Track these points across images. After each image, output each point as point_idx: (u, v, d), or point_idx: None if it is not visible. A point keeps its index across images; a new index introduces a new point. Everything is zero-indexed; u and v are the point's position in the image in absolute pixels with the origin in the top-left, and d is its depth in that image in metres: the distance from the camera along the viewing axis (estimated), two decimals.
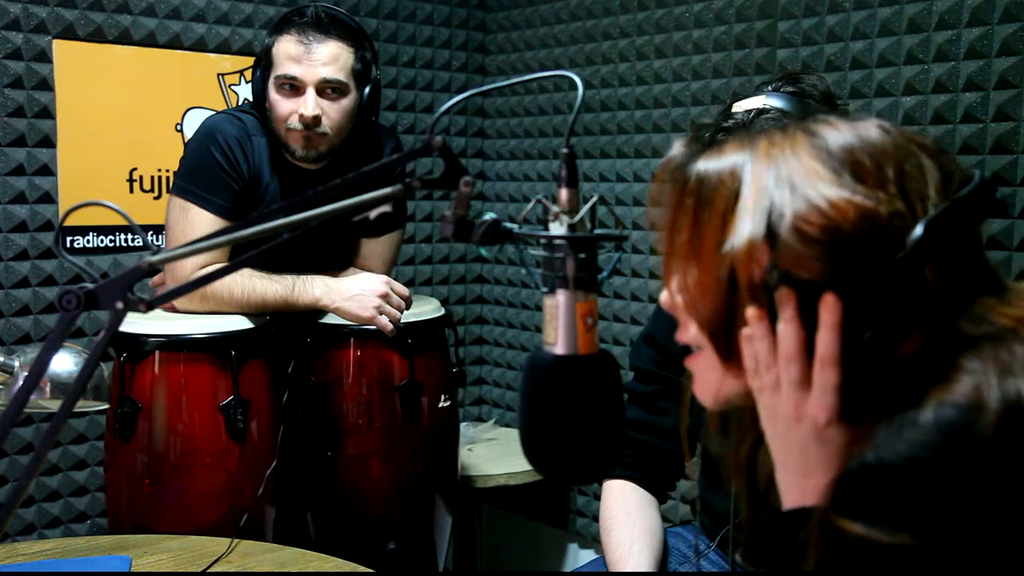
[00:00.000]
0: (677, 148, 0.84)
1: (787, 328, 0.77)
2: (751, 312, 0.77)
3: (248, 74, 2.58)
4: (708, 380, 0.86)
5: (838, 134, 0.77)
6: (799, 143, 0.78)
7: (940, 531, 0.68)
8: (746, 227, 0.76)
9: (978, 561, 0.68)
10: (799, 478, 0.80)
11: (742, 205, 0.77)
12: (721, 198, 0.78)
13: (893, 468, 0.70)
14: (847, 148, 0.76)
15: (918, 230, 0.72)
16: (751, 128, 1.31)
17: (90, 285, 0.81)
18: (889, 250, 0.73)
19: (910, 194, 0.75)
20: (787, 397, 0.79)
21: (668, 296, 0.86)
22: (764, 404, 0.82)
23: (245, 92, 2.59)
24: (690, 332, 0.85)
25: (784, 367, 0.78)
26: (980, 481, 0.68)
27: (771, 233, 0.75)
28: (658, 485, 1.60)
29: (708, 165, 0.80)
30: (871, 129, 0.78)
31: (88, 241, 2.36)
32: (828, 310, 0.75)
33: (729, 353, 0.82)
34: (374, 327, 1.96)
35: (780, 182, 0.76)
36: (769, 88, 1.41)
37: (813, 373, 0.77)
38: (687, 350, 0.88)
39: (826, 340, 0.75)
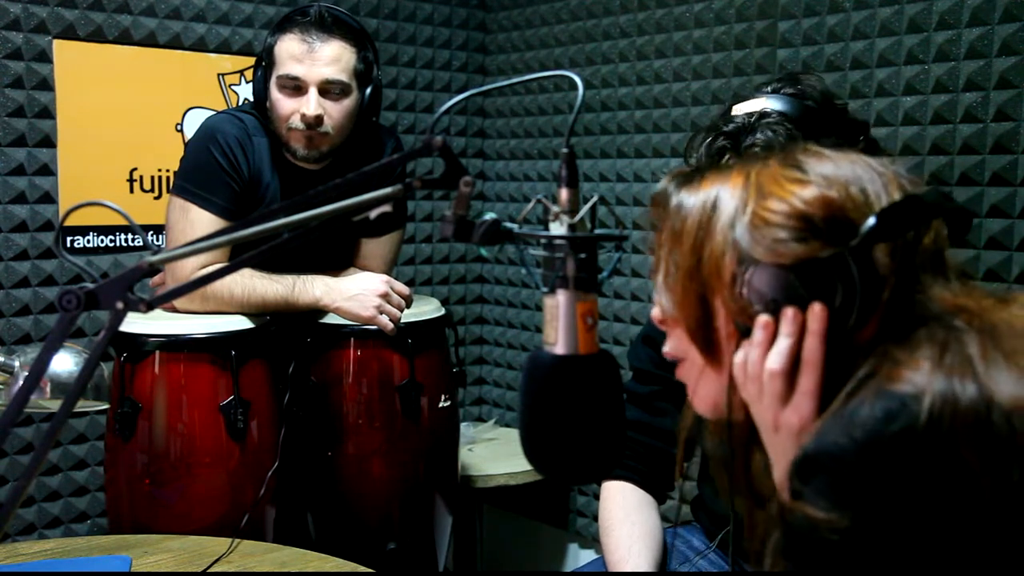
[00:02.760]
0: (663, 182, 0.91)
1: (783, 343, 0.81)
2: (761, 319, 0.81)
3: (248, 74, 2.58)
4: (698, 388, 0.91)
5: (812, 158, 0.84)
6: (772, 162, 0.84)
7: (874, 516, 0.71)
8: (719, 230, 0.82)
9: (914, 542, 0.70)
10: (781, 466, 0.85)
11: (716, 213, 0.83)
12: (697, 211, 0.85)
13: (829, 455, 0.73)
14: (820, 169, 0.82)
15: (871, 219, 0.78)
16: (753, 130, 1.32)
17: (90, 285, 0.81)
18: (846, 236, 0.78)
19: (870, 194, 0.81)
20: (767, 408, 0.83)
21: (659, 310, 0.92)
22: (752, 412, 0.86)
23: (245, 92, 2.59)
24: (672, 342, 0.91)
25: (768, 380, 0.82)
26: (911, 468, 0.70)
27: (742, 230, 0.81)
28: (657, 486, 1.60)
29: (688, 197, 0.86)
30: (849, 155, 0.84)
31: (88, 241, 2.36)
32: (815, 318, 0.79)
33: (709, 349, 0.87)
34: (374, 327, 1.96)
35: (750, 188, 0.82)
36: (768, 89, 1.41)
37: (796, 380, 0.81)
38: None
39: (811, 346, 0.80)
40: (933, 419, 0.70)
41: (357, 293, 1.95)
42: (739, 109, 1.38)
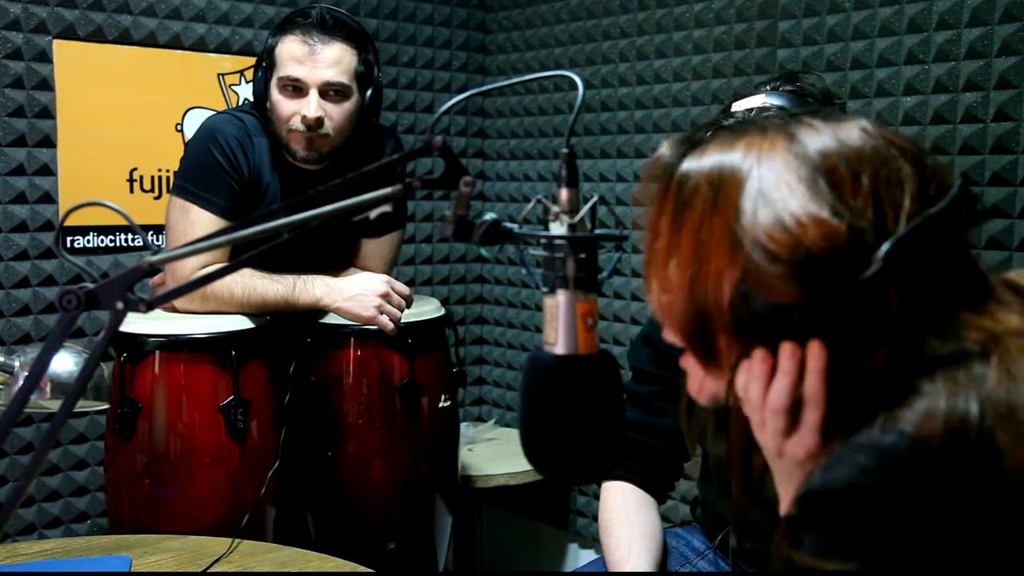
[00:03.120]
0: (663, 148, 0.84)
1: (782, 381, 0.77)
2: (759, 354, 0.78)
3: (248, 74, 2.58)
4: (695, 378, 0.87)
5: (818, 138, 0.77)
6: (777, 148, 0.77)
7: (881, 556, 0.68)
8: (718, 238, 0.77)
9: None
10: (788, 490, 0.82)
11: (716, 214, 0.77)
12: (697, 204, 0.78)
13: (835, 494, 0.70)
14: (825, 153, 0.75)
15: (883, 249, 0.71)
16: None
17: (90, 285, 0.81)
18: (853, 269, 0.72)
19: (883, 203, 0.73)
20: (769, 439, 0.80)
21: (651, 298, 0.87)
22: (754, 432, 0.83)
23: (245, 92, 2.59)
24: (672, 335, 0.86)
25: (771, 416, 0.79)
26: (918, 506, 0.67)
27: (741, 246, 0.75)
28: (657, 486, 1.60)
29: (689, 167, 0.80)
30: (852, 132, 0.77)
31: (88, 241, 2.36)
32: (815, 356, 0.75)
33: (707, 356, 0.82)
34: (375, 327, 1.96)
35: (753, 192, 0.76)
36: (768, 88, 1.41)
37: (800, 414, 0.78)
38: (683, 350, 0.89)
39: (812, 384, 0.76)
40: (940, 457, 0.67)
41: (357, 293, 1.95)
42: (739, 105, 1.38)
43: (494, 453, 2.72)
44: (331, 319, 1.99)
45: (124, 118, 2.40)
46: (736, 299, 0.76)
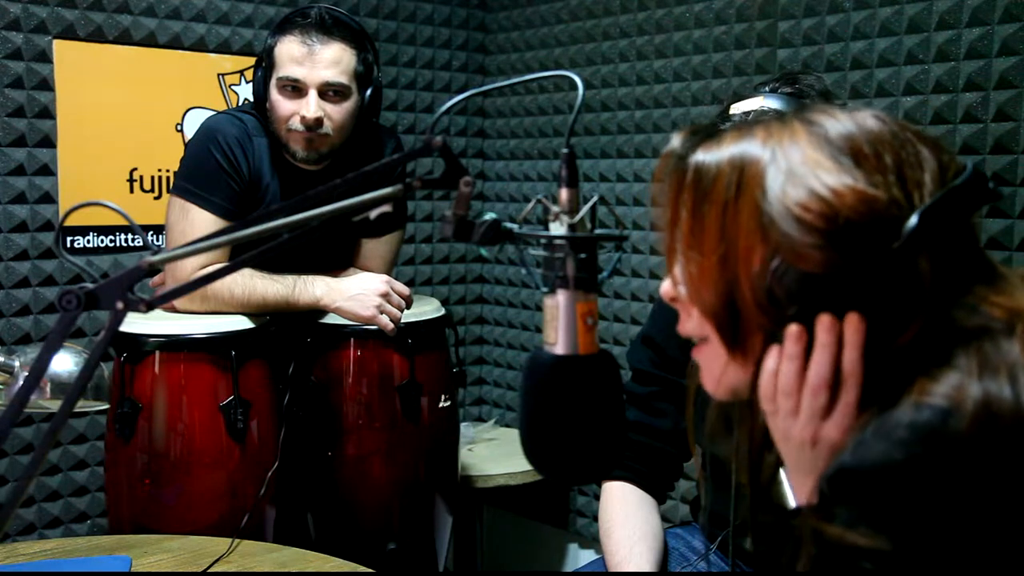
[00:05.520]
0: (676, 140, 0.84)
1: (822, 355, 0.76)
2: (792, 330, 0.76)
3: (248, 74, 2.58)
4: (715, 370, 0.85)
5: (836, 123, 0.77)
6: (797, 132, 0.78)
7: (915, 533, 0.68)
8: (746, 217, 0.76)
9: (955, 562, 0.68)
10: (809, 478, 0.80)
11: (742, 196, 0.77)
12: (720, 189, 0.78)
13: (868, 471, 0.70)
14: (846, 136, 0.76)
15: (913, 219, 0.72)
16: None
17: (90, 285, 0.81)
18: (887, 238, 0.73)
19: (907, 182, 0.75)
20: (804, 424, 0.78)
21: (670, 286, 0.86)
22: (776, 426, 0.82)
23: (245, 92, 2.59)
24: (691, 323, 0.85)
25: (810, 395, 0.77)
26: (953, 483, 0.67)
27: (771, 222, 0.75)
28: (657, 486, 1.60)
29: (707, 156, 0.80)
30: (868, 119, 0.78)
31: (88, 241, 2.36)
32: (853, 329, 0.74)
33: (734, 342, 0.81)
34: (375, 327, 1.96)
35: (779, 171, 0.76)
36: (767, 89, 1.41)
37: (837, 393, 0.76)
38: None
39: (851, 359, 0.75)
40: (975, 432, 0.67)
41: (357, 293, 1.94)
42: (737, 108, 1.38)
43: (494, 453, 2.72)
44: (331, 319, 1.99)
45: (124, 118, 2.40)
46: (769, 275, 0.76)
